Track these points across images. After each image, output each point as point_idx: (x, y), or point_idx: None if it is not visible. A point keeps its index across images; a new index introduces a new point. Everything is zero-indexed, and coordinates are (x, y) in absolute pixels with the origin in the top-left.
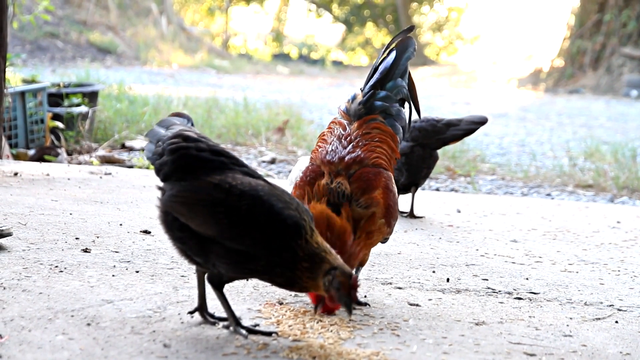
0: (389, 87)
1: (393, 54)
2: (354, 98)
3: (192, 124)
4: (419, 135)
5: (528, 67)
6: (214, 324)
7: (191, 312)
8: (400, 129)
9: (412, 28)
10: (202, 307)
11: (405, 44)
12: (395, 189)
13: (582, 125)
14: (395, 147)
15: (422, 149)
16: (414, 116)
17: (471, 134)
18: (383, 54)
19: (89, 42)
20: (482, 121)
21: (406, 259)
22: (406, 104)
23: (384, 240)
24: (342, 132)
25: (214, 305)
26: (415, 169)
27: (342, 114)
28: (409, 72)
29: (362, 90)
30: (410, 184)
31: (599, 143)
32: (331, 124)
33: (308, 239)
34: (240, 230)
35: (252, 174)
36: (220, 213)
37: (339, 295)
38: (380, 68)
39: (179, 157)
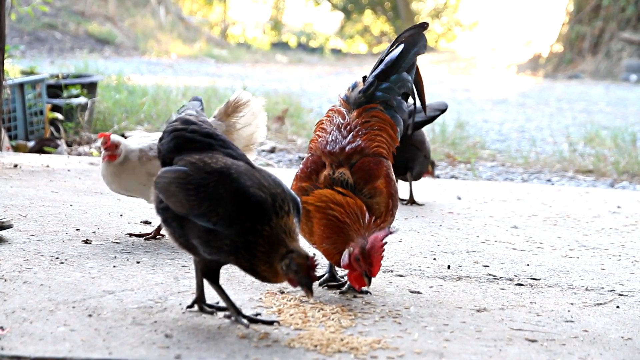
0: (393, 79)
1: (401, 47)
2: (354, 86)
3: (202, 107)
4: None
5: (527, 52)
6: (212, 313)
7: (190, 306)
8: (401, 120)
9: (425, 25)
10: (200, 299)
11: (415, 39)
12: (394, 176)
13: (581, 110)
14: (395, 135)
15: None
16: None
17: (431, 122)
18: (392, 45)
19: (87, 33)
20: (442, 109)
21: (407, 246)
22: (410, 100)
23: None
24: (342, 121)
25: (216, 294)
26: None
27: (341, 102)
28: (418, 68)
29: (364, 78)
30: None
31: (598, 128)
32: (330, 112)
33: (274, 223)
34: (207, 206)
35: (236, 156)
36: (191, 190)
37: (298, 278)
38: (386, 59)
39: (172, 138)
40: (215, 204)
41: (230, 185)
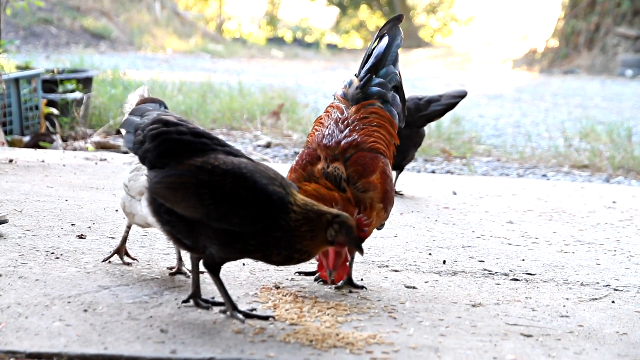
0: (382, 73)
1: (386, 39)
2: (350, 83)
3: (166, 107)
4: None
5: (522, 47)
6: (207, 308)
7: (185, 301)
8: (397, 115)
9: (400, 17)
10: (196, 294)
11: (394, 32)
12: (392, 174)
13: (577, 105)
14: (394, 132)
15: (409, 129)
16: None
17: (452, 109)
18: (375, 39)
19: (82, 27)
20: (462, 95)
21: (402, 241)
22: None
23: (380, 227)
24: (340, 116)
25: (212, 290)
26: (405, 149)
27: (339, 100)
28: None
29: (357, 76)
30: (401, 163)
31: (594, 123)
32: (329, 108)
33: (295, 206)
34: (226, 209)
35: (235, 153)
36: (205, 194)
37: (349, 239)
38: (375, 53)
39: (160, 142)
40: (236, 206)
41: (248, 186)
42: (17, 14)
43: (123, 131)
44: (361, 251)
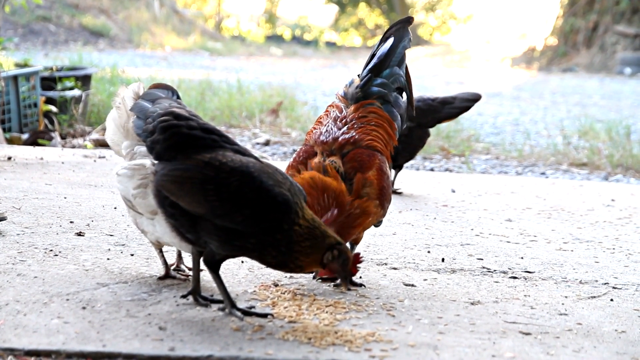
0: (385, 74)
1: (391, 40)
2: (351, 83)
3: (178, 97)
4: (415, 116)
5: (521, 46)
6: (206, 306)
7: (184, 296)
8: (398, 116)
9: (410, 19)
10: (195, 290)
11: (402, 34)
12: (389, 172)
13: (576, 103)
14: (393, 133)
15: (420, 129)
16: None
17: (465, 112)
18: (381, 40)
19: (81, 25)
20: (476, 98)
21: (401, 239)
22: (404, 94)
23: (378, 224)
24: (338, 114)
25: (211, 287)
26: (414, 148)
27: (340, 99)
28: (406, 65)
29: (359, 76)
30: (405, 162)
31: (593, 121)
32: (328, 108)
33: (302, 219)
34: (230, 206)
35: (244, 152)
36: (210, 190)
37: (341, 270)
38: (378, 53)
39: (170, 135)
40: (240, 205)
41: (254, 185)
42: (15, 12)
43: (133, 116)
44: (348, 285)
